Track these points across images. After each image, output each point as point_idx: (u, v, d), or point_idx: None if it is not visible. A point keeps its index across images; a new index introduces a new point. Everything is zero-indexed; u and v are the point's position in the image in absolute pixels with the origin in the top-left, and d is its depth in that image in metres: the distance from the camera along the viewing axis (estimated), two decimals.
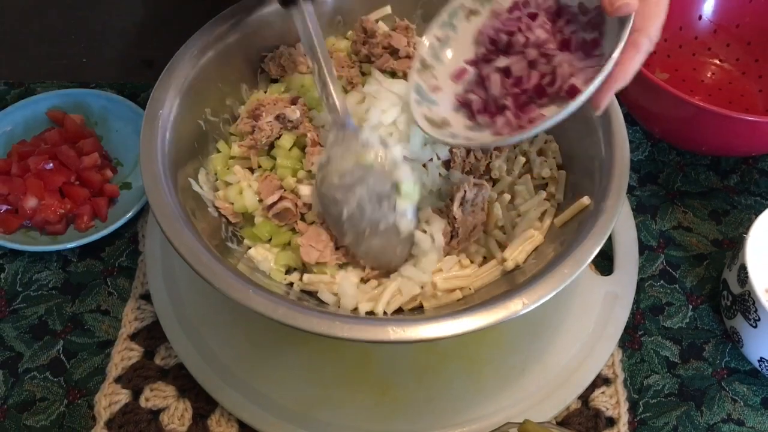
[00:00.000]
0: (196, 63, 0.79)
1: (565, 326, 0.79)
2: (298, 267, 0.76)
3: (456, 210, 0.72)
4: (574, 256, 0.67)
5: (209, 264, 0.65)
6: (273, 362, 0.76)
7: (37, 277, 0.85)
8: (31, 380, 0.78)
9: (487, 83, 0.68)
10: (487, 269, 0.75)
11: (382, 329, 0.62)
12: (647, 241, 0.90)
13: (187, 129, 0.78)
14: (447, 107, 0.71)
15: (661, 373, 0.80)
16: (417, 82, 0.72)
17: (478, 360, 0.77)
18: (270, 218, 0.75)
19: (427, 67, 0.73)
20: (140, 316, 0.82)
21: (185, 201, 0.73)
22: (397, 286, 0.72)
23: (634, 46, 0.61)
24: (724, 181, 0.96)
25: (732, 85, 1.03)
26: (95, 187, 0.88)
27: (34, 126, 0.95)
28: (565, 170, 0.81)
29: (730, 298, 0.79)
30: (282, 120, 0.78)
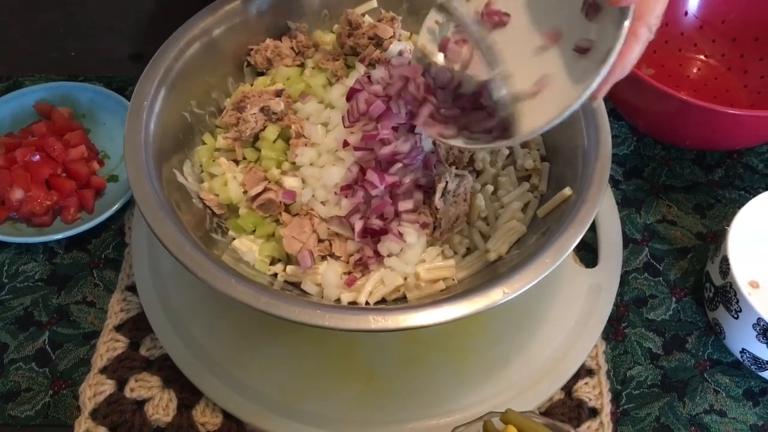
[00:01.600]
0: (182, 55, 0.80)
1: (549, 318, 0.80)
2: (282, 258, 0.76)
3: (438, 201, 0.72)
4: (556, 245, 0.67)
5: (193, 254, 0.66)
6: (258, 353, 0.77)
7: (24, 268, 0.85)
8: (17, 371, 0.78)
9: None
10: (470, 260, 0.75)
11: (364, 318, 0.63)
12: (632, 234, 0.90)
13: (172, 121, 0.78)
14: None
15: (644, 364, 0.80)
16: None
17: (462, 350, 0.77)
18: (254, 209, 0.76)
19: (427, 54, 0.73)
20: (126, 308, 0.82)
21: (170, 193, 0.73)
22: (379, 276, 0.72)
23: (634, 35, 0.59)
24: (709, 176, 0.96)
25: (717, 81, 1.03)
26: (82, 179, 0.89)
27: (21, 119, 0.95)
28: (549, 162, 0.81)
29: (713, 290, 0.79)
30: (266, 112, 0.78)
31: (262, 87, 0.83)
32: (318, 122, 0.79)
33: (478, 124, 0.67)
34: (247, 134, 0.78)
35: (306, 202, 0.75)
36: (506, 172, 0.80)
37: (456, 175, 0.73)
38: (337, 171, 0.74)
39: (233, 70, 0.86)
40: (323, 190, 0.75)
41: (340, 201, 0.73)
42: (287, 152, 0.78)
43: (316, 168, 0.76)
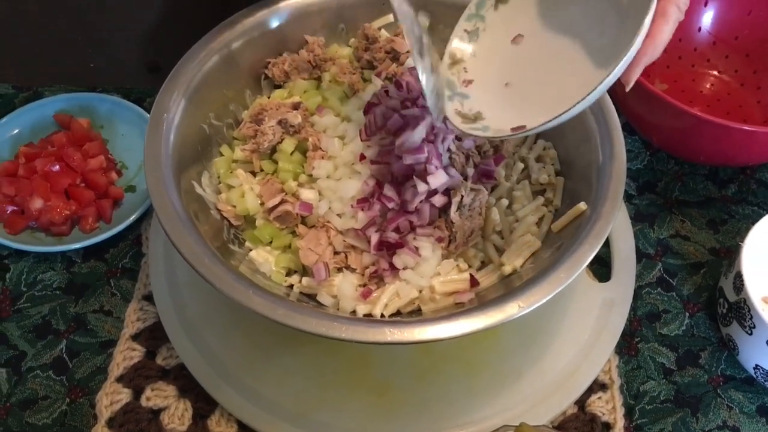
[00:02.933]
0: (201, 68, 0.81)
1: (563, 331, 0.80)
2: (298, 269, 0.77)
3: (453, 214, 0.73)
4: (570, 260, 0.68)
5: (211, 266, 0.66)
6: (273, 363, 0.77)
7: (42, 277, 0.86)
8: (34, 378, 0.79)
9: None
10: (485, 273, 0.76)
11: (380, 330, 0.63)
12: (645, 249, 0.91)
13: (191, 133, 0.79)
14: (480, 99, 0.72)
15: (657, 379, 0.80)
16: (448, 77, 0.73)
17: (476, 363, 0.77)
18: (271, 221, 0.76)
19: (457, 61, 0.74)
20: (142, 317, 0.83)
21: (188, 203, 0.74)
22: (395, 289, 0.73)
23: (663, 15, 0.58)
24: (722, 191, 0.96)
25: (730, 97, 1.04)
26: (100, 189, 0.90)
27: (41, 129, 0.96)
28: (563, 176, 0.82)
29: (726, 306, 0.79)
30: (284, 125, 0.79)
31: (279, 100, 0.84)
32: (335, 135, 0.80)
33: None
34: (265, 146, 0.79)
35: (322, 215, 0.76)
36: (521, 186, 0.80)
37: (471, 189, 0.74)
38: (353, 184, 0.75)
39: (251, 83, 0.87)
40: (339, 202, 0.75)
41: (357, 214, 0.74)
42: (304, 165, 0.79)
43: (333, 181, 0.77)
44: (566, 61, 0.70)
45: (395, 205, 0.73)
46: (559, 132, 0.83)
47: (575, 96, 0.61)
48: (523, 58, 0.73)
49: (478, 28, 0.74)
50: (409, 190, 0.72)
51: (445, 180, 0.72)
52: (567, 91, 0.64)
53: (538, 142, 0.84)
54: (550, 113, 0.63)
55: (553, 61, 0.71)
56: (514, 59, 0.73)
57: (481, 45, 0.75)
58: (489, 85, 0.73)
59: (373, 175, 0.75)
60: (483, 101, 0.72)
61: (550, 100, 0.65)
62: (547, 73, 0.71)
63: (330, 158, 0.78)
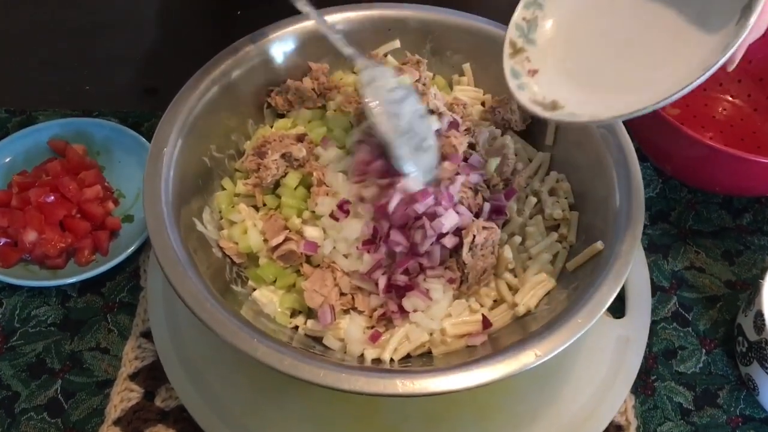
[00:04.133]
0: (201, 98, 0.78)
1: (577, 372, 0.78)
2: (303, 310, 0.74)
3: (465, 255, 0.70)
4: (589, 304, 0.65)
5: (214, 311, 0.64)
6: (277, 407, 0.74)
7: (36, 312, 0.83)
8: (28, 421, 0.76)
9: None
10: (498, 313, 0.73)
11: (391, 382, 0.61)
12: (659, 281, 0.88)
13: (191, 166, 0.76)
14: (551, 89, 0.70)
15: (674, 420, 0.78)
16: (512, 66, 0.71)
17: (489, 407, 0.75)
18: (275, 260, 0.74)
19: (518, 50, 0.72)
20: (141, 355, 0.80)
21: (189, 240, 0.71)
22: (404, 332, 0.70)
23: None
24: (737, 221, 0.94)
25: (744, 122, 1.01)
26: (97, 220, 0.87)
27: (35, 156, 0.93)
28: (577, 210, 0.79)
29: (746, 345, 0.77)
30: (288, 158, 0.76)
31: (283, 130, 0.81)
32: (338, 170, 0.77)
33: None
34: (268, 181, 0.76)
35: (328, 254, 0.73)
36: (534, 222, 0.78)
37: (484, 228, 0.71)
38: (357, 225, 0.72)
39: (253, 112, 0.84)
40: (344, 243, 0.72)
41: (363, 256, 0.71)
42: (308, 200, 0.76)
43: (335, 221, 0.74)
44: (653, 39, 0.67)
45: (403, 248, 0.70)
46: (572, 163, 0.81)
47: (681, 76, 0.60)
48: (591, 43, 0.71)
49: (536, 16, 0.72)
50: (418, 231, 0.70)
51: (456, 221, 0.70)
52: (665, 70, 0.63)
53: (551, 174, 0.82)
54: (656, 94, 0.61)
55: (634, 41, 0.69)
56: (580, 44, 0.71)
57: (541, 34, 0.72)
58: (557, 73, 0.71)
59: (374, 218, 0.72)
60: (555, 90, 0.70)
61: (640, 82, 0.64)
62: (627, 54, 0.69)
63: (334, 195, 0.75)
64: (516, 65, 0.71)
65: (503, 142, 0.80)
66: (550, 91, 0.69)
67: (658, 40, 0.67)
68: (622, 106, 0.63)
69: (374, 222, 0.72)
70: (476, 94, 0.88)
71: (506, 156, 0.79)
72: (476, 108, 0.87)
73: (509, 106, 0.83)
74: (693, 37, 0.64)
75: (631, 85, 0.66)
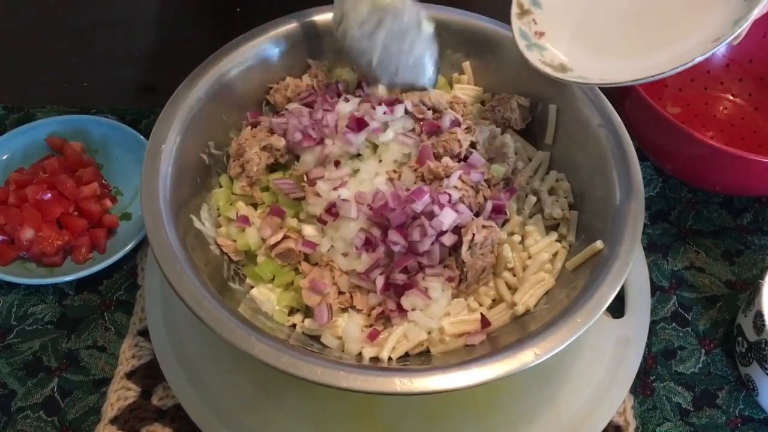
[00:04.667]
0: (200, 95, 0.78)
1: (576, 371, 0.77)
2: (301, 308, 0.73)
3: (465, 254, 0.70)
4: (588, 304, 0.65)
5: (211, 309, 0.63)
6: (276, 406, 0.74)
7: (33, 310, 0.83)
8: (24, 419, 0.75)
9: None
10: (497, 313, 0.73)
11: (389, 380, 0.60)
12: (659, 281, 0.88)
13: (189, 163, 0.76)
14: (559, 51, 0.70)
15: (673, 420, 0.77)
16: (520, 27, 0.72)
17: (487, 406, 0.74)
18: (273, 258, 0.73)
19: (525, 12, 0.72)
20: (138, 354, 0.79)
21: (186, 238, 0.71)
22: (403, 331, 0.70)
23: None
24: (737, 220, 0.94)
25: (744, 121, 1.01)
26: (94, 218, 0.86)
27: (33, 153, 0.93)
28: (577, 210, 0.79)
29: (746, 345, 0.76)
30: (269, 150, 0.77)
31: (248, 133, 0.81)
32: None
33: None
34: (254, 171, 0.76)
35: (325, 252, 0.72)
36: (534, 221, 0.77)
37: (483, 227, 0.71)
38: (353, 225, 0.72)
39: (252, 109, 0.84)
40: (342, 242, 0.72)
41: (361, 255, 0.71)
42: (302, 202, 0.75)
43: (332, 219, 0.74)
44: (664, 6, 0.68)
45: (401, 248, 0.69)
46: (572, 163, 0.81)
47: (692, 45, 0.61)
48: (598, 7, 0.71)
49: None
50: (415, 230, 0.69)
51: (455, 218, 0.69)
52: (677, 37, 0.64)
53: (551, 173, 0.81)
54: (666, 62, 0.61)
55: (644, 7, 0.69)
56: (587, 9, 0.72)
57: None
58: (564, 37, 0.71)
59: (369, 219, 0.71)
60: (563, 53, 0.70)
61: (650, 47, 0.65)
62: (635, 20, 0.69)
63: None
64: (524, 26, 0.72)
65: (503, 141, 0.79)
66: (557, 53, 0.70)
67: (670, 6, 0.67)
68: (631, 71, 0.63)
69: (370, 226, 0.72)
70: (476, 93, 0.88)
71: (506, 155, 0.78)
72: (476, 107, 0.86)
73: (509, 104, 0.83)
74: (706, 6, 0.64)
75: (640, 50, 0.66)
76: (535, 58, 0.70)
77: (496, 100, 0.85)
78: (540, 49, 0.71)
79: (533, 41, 0.71)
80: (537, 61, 0.70)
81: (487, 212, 0.74)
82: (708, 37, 0.63)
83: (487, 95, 0.88)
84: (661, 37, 0.67)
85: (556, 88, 0.81)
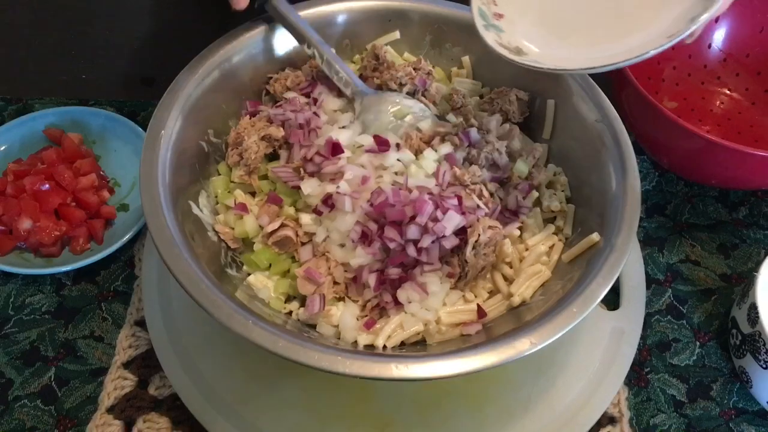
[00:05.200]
0: (200, 83, 0.78)
1: (571, 363, 0.78)
2: (297, 296, 0.74)
3: (469, 254, 0.69)
4: (584, 294, 0.65)
5: (209, 293, 0.63)
6: (271, 395, 0.74)
7: (30, 300, 0.83)
8: (22, 408, 0.75)
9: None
10: (493, 304, 0.73)
11: (386, 366, 0.61)
12: (654, 274, 0.88)
13: (188, 150, 0.76)
14: (516, 35, 0.70)
15: (667, 412, 0.78)
16: (479, 6, 0.71)
17: (481, 396, 0.75)
18: (270, 246, 0.73)
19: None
20: (135, 344, 0.80)
21: (185, 224, 0.71)
22: (399, 320, 0.70)
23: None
24: (733, 214, 0.94)
25: (741, 115, 1.01)
26: (92, 208, 0.86)
27: (30, 144, 0.93)
28: (574, 203, 0.79)
29: (740, 338, 0.77)
30: (268, 139, 0.77)
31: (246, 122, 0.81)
32: None
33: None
34: (252, 159, 0.76)
35: (320, 242, 0.73)
36: (532, 214, 0.77)
37: (489, 227, 0.70)
38: (350, 218, 0.72)
39: (251, 98, 0.84)
40: (337, 233, 0.72)
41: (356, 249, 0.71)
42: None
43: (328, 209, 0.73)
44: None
45: (397, 245, 0.69)
46: (569, 156, 0.81)
47: (648, 38, 0.61)
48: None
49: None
50: (411, 228, 0.68)
51: (458, 222, 0.69)
52: (632, 29, 0.64)
53: (549, 167, 0.82)
54: (620, 53, 0.62)
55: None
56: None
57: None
58: (522, 21, 0.71)
59: (366, 214, 0.71)
60: (520, 36, 0.70)
61: (607, 38, 0.65)
62: (594, 9, 0.69)
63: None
64: (483, 6, 0.71)
65: (508, 127, 0.80)
66: (516, 36, 0.69)
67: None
68: (585, 59, 0.64)
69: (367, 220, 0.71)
70: (475, 87, 0.88)
71: (532, 151, 0.80)
72: (474, 99, 0.86)
73: (507, 97, 0.83)
74: (665, 1, 0.64)
75: (598, 40, 0.66)
76: (492, 38, 0.69)
77: (494, 93, 0.85)
78: (497, 30, 0.70)
79: (491, 22, 0.70)
80: (493, 41, 0.69)
81: (496, 213, 0.74)
82: (663, 32, 0.63)
83: (486, 89, 0.88)
84: (619, 29, 0.67)
85: (554, 84, 0.82)
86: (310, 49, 0.80)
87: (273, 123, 0.79)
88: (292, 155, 0.78)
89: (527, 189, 0.77)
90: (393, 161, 0.75)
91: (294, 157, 0.77)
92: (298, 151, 0.77)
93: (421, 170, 0.76)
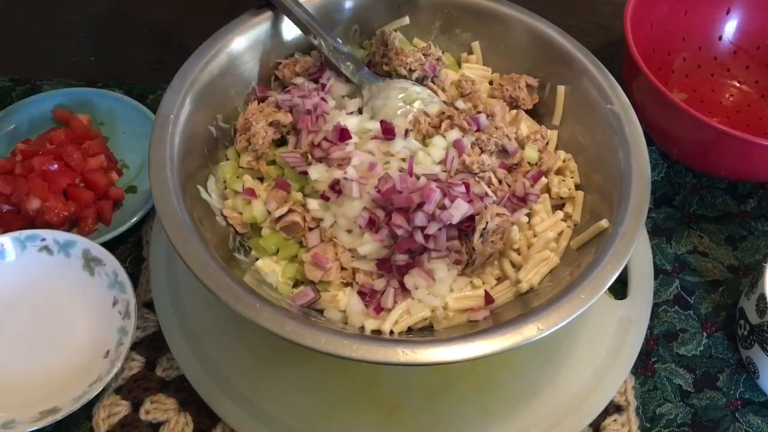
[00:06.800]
0: (209, 67, 0.77)
1: (578, 351, 0.77)
2: (305, 281, 0.74)
3: (476, 242, 0.69)
4: (592, 281, 0.65)
5: (217, 276, 0.63)
6: (278, 378, 0.74)
7: None
8: None
9: None
10: (501, 290, 0.73)
11: (392, 351, 0.61)
12: (662, 264, 0.88)
13: (197, 134, 0.76)
14: None
15: (674, 402, 0.78)
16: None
17: (488, 383, 0.75)
18: (277, 231, 0.73)
19: None
20: (142, 325, 0.80)
21: (193, 209, 0.71)
22: (406, 306, 0.70)
23: None
24: (741, 206, 0.94)
25: (751, 108, 1.01)
26: (100, 189, 0.86)
27: (39, 125, 0.93)
28: (583, 190, 0.79)
29: (748, 328, 0.77)
30: (276, 125, 0.77)
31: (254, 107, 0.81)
32: None
33: None
34: (261, 144, 0.76)
35: (328, 228, 0.73)
36: (541, 200, 0.77)
37: (497, 214, 0.70)
38: (357, 204, 0.71)
39: (260, 84, 0.84)
40: (344, 219, 0.72)
41: (363, 235, 0.71)
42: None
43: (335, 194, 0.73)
44: None
45: (404, 232, 0.69)
46: (579, 143, 0.81)
47: None
48: None
49: None
50: (418, 215, 0.68)
51: (466, 210, 0.69)
52: None
53: (559, 153, 0.81)
54: None
55: None
56: None
57: None
58: None
59: (374, 200, 0.71)
60: None
61: None
62: None
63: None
64: None
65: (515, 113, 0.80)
66: None
67: None
68: None
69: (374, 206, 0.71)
70: (484, 73, 0.88)
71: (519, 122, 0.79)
72: (484, 86, 0.86)
73: (517, 83, 0.83)
74: None
75: None
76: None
77: (504, 79, 0.85)
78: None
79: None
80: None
81: (504, 200, 0.74)
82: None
83: (496, 75, 0.88)
84: None
85: (565, 69, 0.82)
86: (317, 40, 0.80)
87: (281, 108, 0.79)
88: (299, 141, 0.77)
89: (536, 175, 0.77)
90: (400, 148, 0.75)
91: (302, 142, 0.77)
92: (305, 136, 0.77)
93: (428, 157, 0.76)
